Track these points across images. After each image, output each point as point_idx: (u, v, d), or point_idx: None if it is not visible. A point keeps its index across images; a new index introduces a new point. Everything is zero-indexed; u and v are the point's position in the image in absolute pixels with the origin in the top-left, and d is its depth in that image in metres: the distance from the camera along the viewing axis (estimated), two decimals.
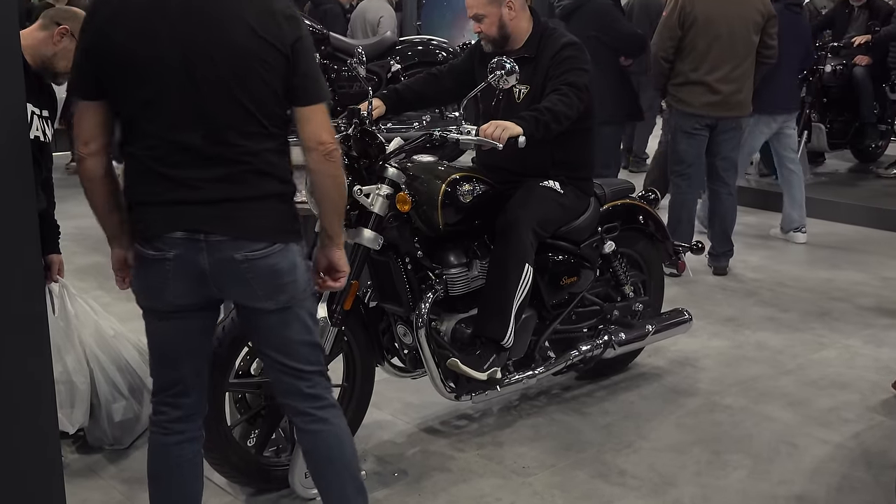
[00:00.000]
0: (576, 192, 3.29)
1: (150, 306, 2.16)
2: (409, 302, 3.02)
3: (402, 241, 3.00)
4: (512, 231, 3.05)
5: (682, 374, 3.91)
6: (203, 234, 2.03)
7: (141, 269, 2.12)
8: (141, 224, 2.08)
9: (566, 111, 3.00)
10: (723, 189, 5.23)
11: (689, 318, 3.85)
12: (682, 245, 3.91)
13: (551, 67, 3.10)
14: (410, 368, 3.19)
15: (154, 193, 2.03)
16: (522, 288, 3.06)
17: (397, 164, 2.95)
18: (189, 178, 2.01)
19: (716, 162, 5.18)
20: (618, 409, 3.56)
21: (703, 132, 5.08)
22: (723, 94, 4.96)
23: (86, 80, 2.01)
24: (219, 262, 2.05)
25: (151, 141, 2.02)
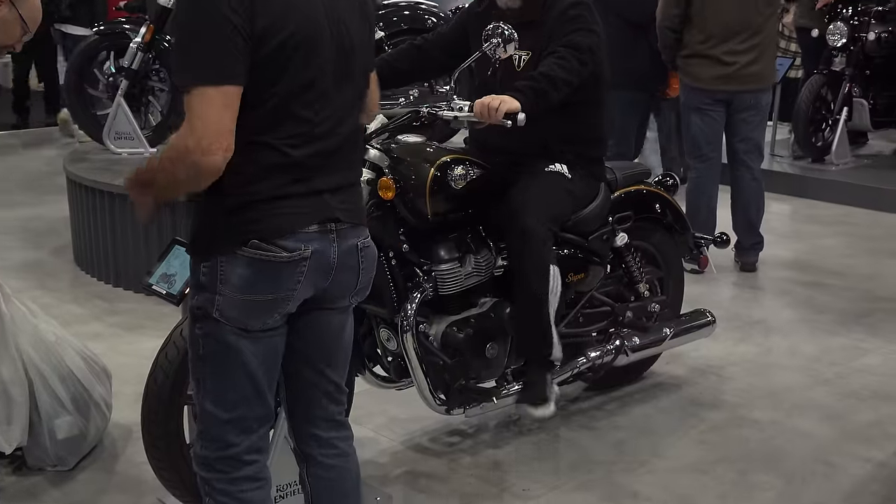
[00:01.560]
0: (586, 177, 3.29)
1: (262, 324, 2.06)
2: (393, 302, 3.02)
3: (384, 233, 3.00)
4: (525, 237, 3.07)
5: (704, 384, 3.92)
6: (333, 224, 2.08)
7: (261, 280, 2.02)
8: (266, 222, 2.01)
9: (565, 76, 2.99)
10: (746, 174, 5.24)
11: (713, 320, 3.86)
12: (705, 237, 3.93)
13: (555, 30, 3.10)
14: (395, 378, 3.20)
15: (286, 185, 2.01)
16: (554, 292, 3.12)
17: (379, 146, 2.95)
18: (322, 165, 2.05)
19: (735, 143, 5.20)
20: (631, 423, 3.57)
21: (716, 109, 5.09)
22: (734, 66, 4.97)
23: (240, 62, 1.91)
24: (343, 254, 2.10)
25: (303, 128, 2.01)
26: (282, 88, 1.97)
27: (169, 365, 2.70)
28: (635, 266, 3.64)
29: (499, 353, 3.21)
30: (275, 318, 2.07)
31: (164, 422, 2.71)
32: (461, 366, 3.10)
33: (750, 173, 5.24)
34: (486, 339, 3.16)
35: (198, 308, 2.06)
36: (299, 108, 2.00)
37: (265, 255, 2.00)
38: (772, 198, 5.74)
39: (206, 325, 2.06)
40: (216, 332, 2.05)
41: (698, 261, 3.99)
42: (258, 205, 2.00)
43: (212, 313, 2.03)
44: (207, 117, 1.88)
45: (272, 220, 2.01)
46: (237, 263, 2.00)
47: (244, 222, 2.00)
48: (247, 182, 1.99)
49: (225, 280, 2.01)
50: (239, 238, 2.00)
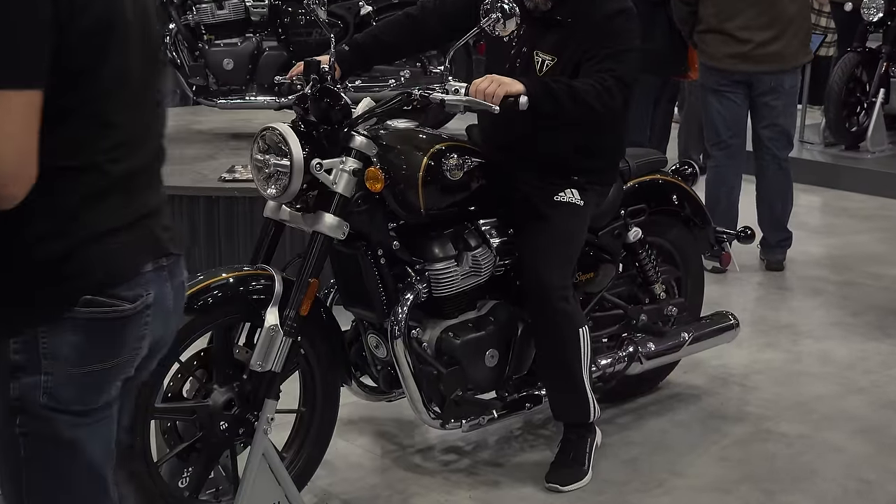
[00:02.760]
0: (598, 190, 3.30)
1: (104, 399, 1.79)
2: (382, 305, 3.02)
3: (373, 228, 3.00)
4: (546, 302, 3.10)
5: (727, 395, 3.93)
6: (165, 259, 1.83)
7: (100, 344, 1.74)
8: (100, 270, 1.71)
9: (595, 104, 2.95)
10: (772, 163, 5.24)
11: (736, 324, 3.87)
12: (727, 232, 3.93)
13: (592, 40, 3.02)
14: (385, 389, 3.20)
15: (114, 215, 1.74)
16: (585, 353, 3.17)
17: (367, 132, 2.95)
18: (142, 183, 1.83)
19: (759, 129, 5.20)
20: (645, 438, 3.58)
21: (734, 91, 5.09)
22: (749, 44, 4.96)
23: (44, 57, 1.58)
24: (177, 293, 1.87)
25: (118, 136, 1.73)
26: (92, 88, 1.65)
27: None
28: (650, 264, 3.65)
29: (500, 360, 3.21)
30: (116, 387, 1.80)
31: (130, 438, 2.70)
32: (458, 375, 3.11)
33: (776, 162, 5.24)
34: (485, 346, 3.17)
35: (16, 399, 1.70)
36: (113, 111, 1.70)
37: (104, 312, 1.70)
38: (801, 189, 5.75)
39: (31, 421, 1.71)
40: (45, 427, 1.72)
41: (720, 258, 3.98)
42: (86, 248, 1.68)
43: (38, 400, 1.70)
44: (11, 133, 1.54)
45: (107, 265, 1.70)
46: (65, 330, 1.68)
47: (70, 276, 1.67)
48: (67, 219, 1.66)
49: (51, 354, 1.69)
50: (65, 298, 1.67)
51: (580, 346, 3.16)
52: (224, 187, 4.68)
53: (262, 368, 2.79)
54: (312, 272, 2.84)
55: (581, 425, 3.28)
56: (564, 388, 3.23)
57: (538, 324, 3.18)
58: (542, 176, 3.18)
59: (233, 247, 4.67)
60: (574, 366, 3.17)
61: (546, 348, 3.20)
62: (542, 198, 3.16)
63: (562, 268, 3.15)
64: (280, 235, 3.05)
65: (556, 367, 3.21)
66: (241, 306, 2.85)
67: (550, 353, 3.20)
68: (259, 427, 2.81)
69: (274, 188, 2.85)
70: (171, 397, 2.84)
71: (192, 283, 2.79)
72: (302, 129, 2.88)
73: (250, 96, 5.84)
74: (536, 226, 3.15)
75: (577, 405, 3.24)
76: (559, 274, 3.13)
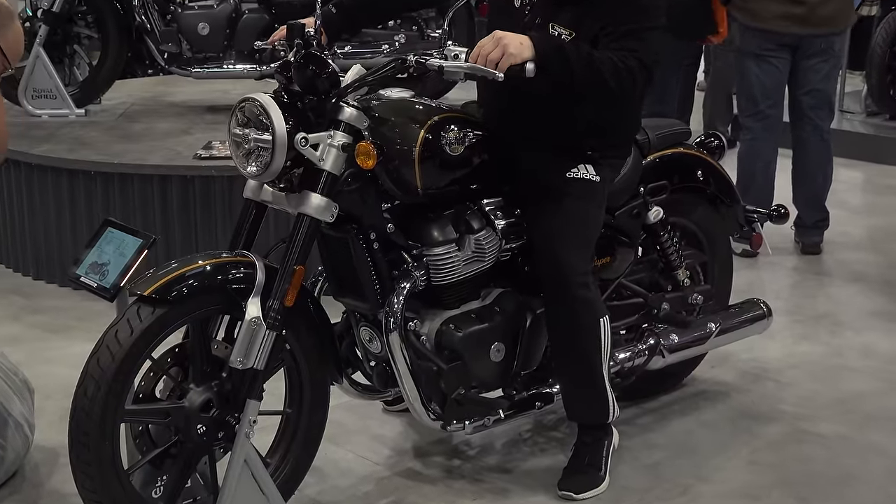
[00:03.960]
0: (614, 164, 3.29)
1: None
2: (375, 295, 3.03)
3: (364, 209, 3.00)
4: (564, 289, 3.10)
5: (758, 392, 3.93)
6: None
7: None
8: None
9: (611, 81, 2.91)
10: (812, 134, 5.25)
11: (768, 313, 3.87)
12: (758, 211, 3.93)
13: (613, 14, 2.98)
14: (379, 387, 3.21)
15: None
16: (605, 346, 3.18)
17: (357, 103, 2.95)
18: None
19: (800, 97, 5.21)
20: (669, 440, 3.58)
21: (779, 56, 5.09)
22: (804, 5, 4.97)
23: None
24: None
25: None
26: None
27: (102, 374, 2.70)
28: (672, 248, 3.65)
29: (506, 355, 3.22)
30: None
31: (97, 443, 2.71)
32: (460, 371, 3.11)
33: (817, 134, 5.24)
34: (490, 339, 3.17)
35: None
36: None
37: None
38: (840, 163, 5.74)
39: None
40: None
41: (750, 240, 3.97)
42: None
43: None
44: None
45: None
46: None
47: None
48: None
49: None
50: None
51: (600, 339, 3.17)
52: (199, 165, 4.69)
53: (243, 366, 2.79)
54: (298, 259, 2.84)
55: (597, 426, 3.29)
56: (581, 385, 3.23)
57: (554, 313, 3.18)
58: (552, 150, 3.17)
59: (210, 231, 4.68)
60: (593, 360, 3.18)
61: (562, 340, 3.20)
62: (553, 175, 3.16)
63: (581, 251, 3.15)
64: (262, 218, 3.05)
65: (573, 362, 3.21)
66: (219, 297, 2.85)
67: (567, 346, 3.20)
68: (240, 430, 2.82)
69: (254, 166, 2.85)
70: (142, 398, 2.84)
71: (166, 271, 2.80)
72: (285, 99, 2.87)
73: (228, 64, 5.83)
74: (549, 206, 3.15)
75: (595, 404, 3.24)
76: (578, 257, 3.13)
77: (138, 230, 3.10)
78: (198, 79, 5.92)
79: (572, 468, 3.27)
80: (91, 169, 4.75)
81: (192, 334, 2.87)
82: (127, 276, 2.95)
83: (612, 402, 3.25)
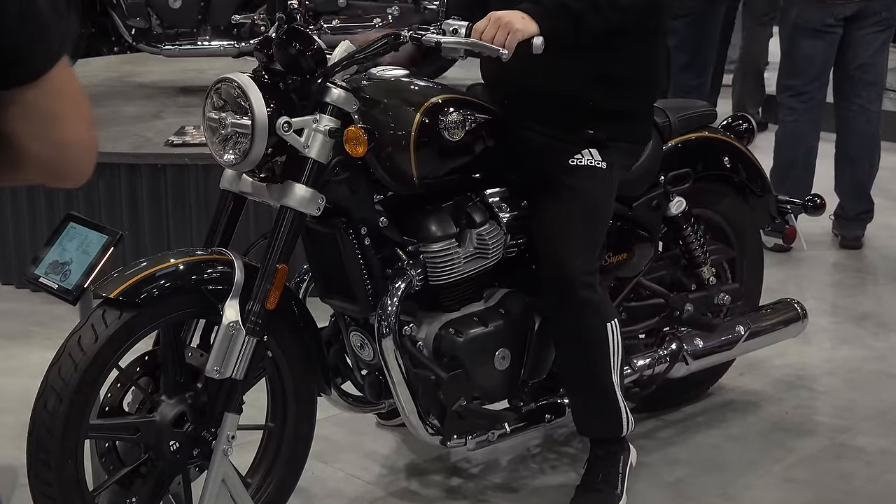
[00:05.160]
0: (627, 149, 3.28)
1: None
2: (367, 296, 3.03)
3: (353, 202, 3.01)
4: (566, 291, 3.10)
5: (792, 402, 3.94)
6: None
7: None
8: None
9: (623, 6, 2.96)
10: (859, 115, 5.26)
11: (803, 314, 3.88)
12: (792, 202, 3.93)
13: None
14: (372, 398, 3.21)
15: None
16: (615, 353, 3.18)
17: (346, 83, 2.95)
18: None
19: (851, 72, 5.22)
20: (693, 455, 3.59)
21: (834, 30, 5.12)
22: None
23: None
24: None
25: None
26: None
27: (64, 385, 2.71)
28: (696, 242, 3.65)
29: (512, 362, 3.22)
30: None
31: (59, 462, 2.72)
32: (461, 380, 3.11)
33: (865, 115, 5.26)
34: (494, 344, 3.18)
35: None
36: None
37: None
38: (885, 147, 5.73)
39: None
40: None
41: (783, 234, 3.97)
42: None
43: None
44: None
45: None
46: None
47: None
48: None
49: None
50: None
51: (608, 345, 3.17)
52: (171, 153, 4.69)
53: (220, 375, 2.80)
54: (281, 256, 2.84)
55: (611, 440, 3.30)
56: (590, 397, 3.24)
57: (557, 319, 3.19)
58: (553, 127, 3.15)
59: (183, 226, 4.68)
60: (601, 369, 3.18)
61: (567, 348, 3.21)
62: (553, 162, 3.15)
63: (585, 249, 3.16)
64: (240, 212, 3.06)
65: (580, 372, 3.22)
66: (193, 299, 2.86)
67: (572, 354, 3.21)
68: (218, 447, 2.82)
69: (232, 154, 2.85)
70: (108, 412, 2.84)
71: (134, 271, 2.81)
72: (266, 80, 2.88)
73: (202, 41, 5.83)
74: (549, 197, 3.15)
75: (607, 417, 3.25)
76: (582, 257, 3.13)
77: (104, 225, 3.10)
78: (169, 57, 5.92)
79: (585, 486, 3.28)
80: None
81: (163, 340, 2.88)
82: (91, 276, 2.94)
83: (626, 413, 3.26)
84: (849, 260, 5.24)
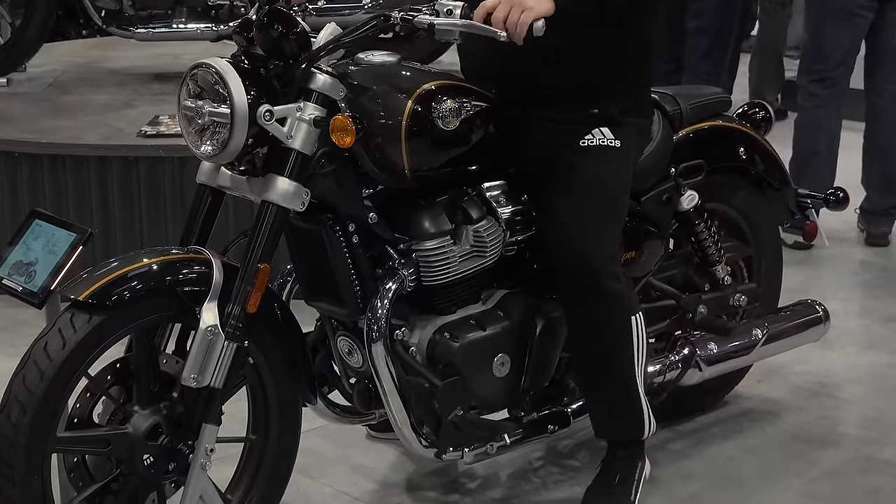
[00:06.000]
0: (637, 125, 3.28)
1: None
2: (355, 298, 3.03)
3: (341, 196, 3.01)
4: (589, 280, 3.11)
5: (814, 412, 3.94)
6: None
7: None
8: None
9: None
10: (891, 103, 5.28)
11: (825, 317, 3.88)
12: (813, 195, 3.94)
13: None
14: (361, 409, 3.21)
15: None
16: (639, 348, 3.19)
17: (332, 69, 2.95)
18: None
19: (883, 55, 5.24)
20: (708, 469, 3.59)
21: (867, 13, 5.14)
22: None
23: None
24: None
25: None
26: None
27: (29, 395, 2.70)
28: (710, 239, 3.65)
29: (512, 368, 3.22)
30: None
31: (24, 478, 2.71)
32: (457, 389, 3.11)
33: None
34: (493, 350, 3.18)
35: None
36: None
37: None
38: None
39: None
40: None
41: (803, 230, 3.97)
42: None
43: None
44: None
45: None
46: None
47: None
48: None
49: None
50: None
51: (633, 339, 3.17)
52: (145, 145, 4.69)
53: (197, 383, 2.80)
54: (263, 255, 2.84)
55: (629, 452, 3.30)
56: (612, 396, 3.24)
57: (577, 312, 3.18)
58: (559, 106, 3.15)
59: (157, 223, 4.69)
60: (626, 366, 3.18)
61: (588, 342, 3.20)
62: (563, 145, 3.16)
63: (607, 236, 3.16)
64: (219, 207, 3.06)
65: (601, 367, 3.21)
66: (168, 302, 2.85)
67: (594, 349, 3.20)
68: (195, 461, 2.82)
69: (210, 145, 2.85)
70: (77, 423, 2.84)
71: (104, 271, 2.81)
72: (245, 65, 2.88)
73: (178, 23, 5.82)
74: (562, 183, 3.15)
75: (628, 417, 3.25)
76: (604, 244, 3.14)
77: (71, 223, 3.09)
78: (142, 41, 5.92)
79: (599, 486, 3.27)
80: (14, 150, 4.75)
81: (135, 346, 2.87)
82: (58, 277, 2.94)
83: (649, 414, 3.26)
84: (875, 258, 5.25)
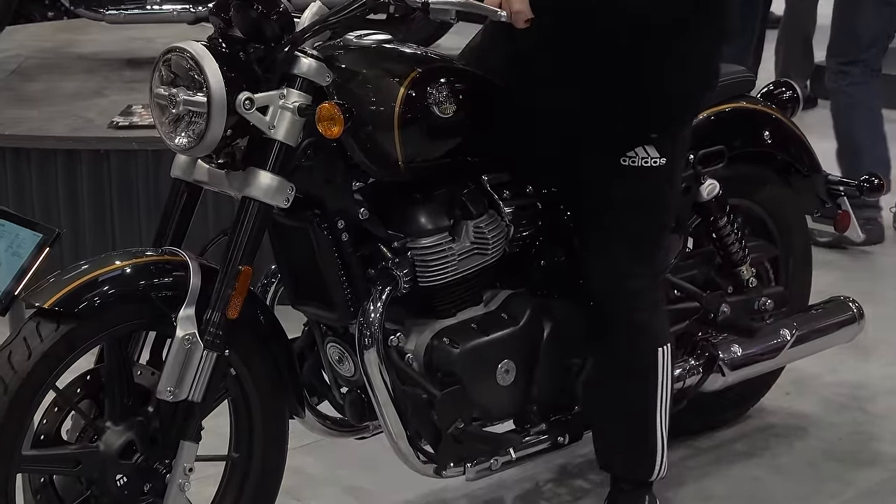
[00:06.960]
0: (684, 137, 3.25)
1: None
2: (346, 301, 3.03)
3: (329, 190, 3.01)
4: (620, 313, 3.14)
5: (847, 427, 3.94)
6: None
7: None
8: None
9: None
10: None
11: (860, 314, 3.87)
12: (845, 181, 3.93)
13: None
14: (353, 421, 3.21)
15: None
16: (664, 382, 3.20)
17: (318, 52, 2.95)
18: None
19: None
20: (731, 488, 3.60)
21: None
22: None
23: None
24: None
25: None
26: None
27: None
28: (733, 236, 3.64)
29: (518, 377, 3.22)
30: None
31: None
32: (458, 399, 3.11)
33: None
34: (496, 356, 3.18)
35: None
36: None
37: None
38: None
39: None
40: None
41: (835, 220, 3.92)
42: None
43: None
44: None
45: None
46: None
47: None
48: None
49: None
50: None
51: (658, 373, 3.19)
52: (116, 136, 4.69)
53: (174, 397, 2.80)
54: (244, 257, 2.84)
55: (636, 490, 3.31)
56: (625, 430, 3.26)
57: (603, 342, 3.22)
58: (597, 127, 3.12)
59: (130, 222, 4.69)
60: (647, 401, 3.20)
61: (608, 376, 3.23)
62: (600, 160, 3.14)
63: (647, 266, 3.18)
64: (196, 204, 3.06)
65: (620, 405, 3.24)
66: (142, 308, 2.86)
67: (613, 385, 3.23)
68: (172, 481, 2.83)
69: (185, 136, 2.85)
70: (44, 440, 2.84)
71: (73, 275, 2.81)
72: (223, 49, 2.88)
73: (152, 4, 5.83)
74: (598, 205, 3.16)
75: (638, 455, 3.27)
76: (643, 274, 3.16)
77: (37, 222, 3.10)
78: (113, 23, 5.93)
79: None
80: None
81: (107, 357, 2.88)
82: (22, 281, 2.94)
83: (663, 456, 3.26)
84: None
